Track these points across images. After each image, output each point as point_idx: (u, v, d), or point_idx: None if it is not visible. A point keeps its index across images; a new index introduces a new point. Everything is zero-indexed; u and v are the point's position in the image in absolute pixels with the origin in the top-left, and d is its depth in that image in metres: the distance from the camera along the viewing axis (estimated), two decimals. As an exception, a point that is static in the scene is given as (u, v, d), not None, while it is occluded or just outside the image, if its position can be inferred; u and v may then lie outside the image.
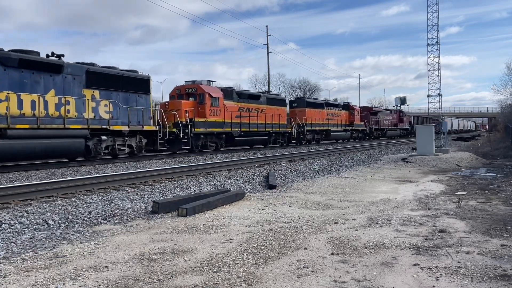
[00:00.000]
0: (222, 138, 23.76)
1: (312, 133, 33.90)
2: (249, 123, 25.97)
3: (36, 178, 11.55)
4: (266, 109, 28.10)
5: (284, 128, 30.47)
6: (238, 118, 24.81)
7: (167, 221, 7.01)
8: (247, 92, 27.60)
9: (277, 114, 29.21)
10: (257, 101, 27.39)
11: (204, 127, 21.97)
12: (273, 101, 29.35)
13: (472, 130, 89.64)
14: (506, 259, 4.65)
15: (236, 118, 24.64)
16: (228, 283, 4.04)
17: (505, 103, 52.04)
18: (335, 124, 37.98)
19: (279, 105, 30.12)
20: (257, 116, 26.94)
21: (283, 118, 30.27)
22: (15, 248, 5.44)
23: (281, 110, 30.27)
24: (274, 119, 28.84)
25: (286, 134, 30.86)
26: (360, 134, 43.27)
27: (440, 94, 23.62)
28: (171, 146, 20.67)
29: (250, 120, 26.08)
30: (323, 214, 7.49)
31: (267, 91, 30.96)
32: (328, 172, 14.80)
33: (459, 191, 10.15)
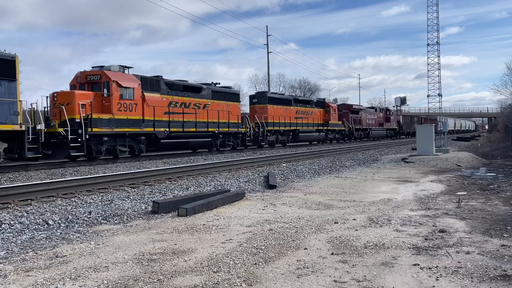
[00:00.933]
0: (141, 140, 18.21)
1: (275, 134, 29.02)
2: (183, 121, 20.36)
3: (36, 178, 11.56)
4: (211, 104, 22.52)
5: (235, 128, 24.53)
6: (167, 115, 19.46)
7: (167, 221, 7.01)
8: (183, 82, 21.69)
9: (225, 111, 23.53)
10: (197, 95, 21.86)
11: (109, 126, 16.45)
12: (221, 95, 23.75)
13: (472, 130, 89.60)
14: (506, 259, 4.65)
15: (164, 115, 19.26)
16: (228, 283, 4.04)
17: (505, 103, 52.15)
18: (305, 123, 32.85)
19: (230, 100, 24.48)
20: (197, 113, 21.35)
21: (235, 116, 24.63)
22: (15, 248, 5.44)
23: (233, 107, 24.50)
24: (222, 117, 23.20)
25: (239, 135, 25.05)
26: (337, 135, 38.36)
27: (440, 94, 23.61)
28: (56, 151, 15.42)
29: (185, 118, 20.53)
30: (323, 214, 7.49)
31: (214, 82, 24.22)
32: (328, 172, 14.80)
33: (459, 191, 10.15)
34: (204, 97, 22.37)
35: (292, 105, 31.69)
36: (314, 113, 34.78)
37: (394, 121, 52.89)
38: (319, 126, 34.99)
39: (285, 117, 30.05)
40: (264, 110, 28.30)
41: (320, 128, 34.99)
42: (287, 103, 31.15)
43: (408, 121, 59.07)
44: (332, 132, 37.28)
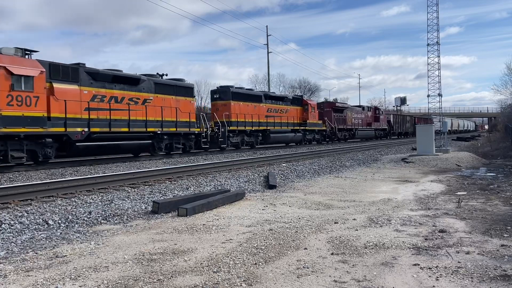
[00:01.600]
0: (47, 144, 14.29)
1: (240, 135, 25.41)
2: (110, 119, 16.62)
3: (36, 178, 11.55)
4: (154, 99, 18.97)
5: (186, 128, 20.52)
6: (87, 111, 15.75)
7: (167, 221, 7.01)
8: (113, 72, 17.61)
9: (173, 108, 19.76)
10: (133, 87, 18.12)
11: None
12: (168, 89, 19.94)
13: (471, 130, 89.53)
14: (506, 259, 4.65)
15: (84, 111, 15.60)
16: (228, 283, 4.04)
17: (505, 103, 52.17)
18: (278, 123, 29.08)
19: (181, 94, 20.57)
20: (132, 109, 17.71)
21: (186, 113, 20.62)
22: (15, 248, 5.44)
23: (184, 103, 20.62)
24: (168, 115, 19.52)
25: (191, 136, 21.18)
26: (317, 136, 34.33)
27: (440, 94, 23.60)
28: None
29: (114, 115, 16.85)
30: (323, 214, 7.49)
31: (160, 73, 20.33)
32: (328, 172, 14.80)
33: (459, 191, 10.15)
34: (144, 91, 18.54)
35: (263, 102, 28.08)
36: (290, 112, 31.04)
37: (384, 120, 49.45)
38: (296, 126, 31.21)
39: (252, 115, 26.31)
40: (227, 107, 24.57)
41: (297, 128, 31.24)
42: (256, 100, 27.39)
43: (400, 120, 56.39)
44: (311, 132, 33.41)
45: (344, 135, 39.69)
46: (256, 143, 27.13)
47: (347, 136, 40.31)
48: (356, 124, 41.75)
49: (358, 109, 43.85)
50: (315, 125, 33.76)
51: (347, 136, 40.29)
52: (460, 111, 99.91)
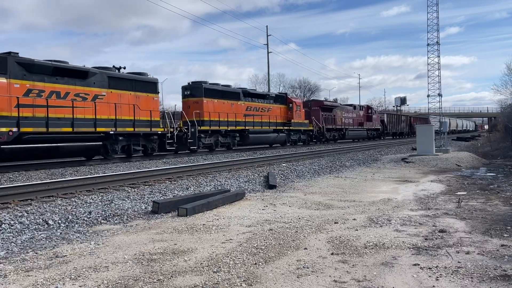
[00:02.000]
0: None
1: (214, 135, 23.00)
2: (48, 117, 14.36)
3: (36, 178, 11.55)
4: (108, 95, 16.72)
5: (147, 128, 18.22)
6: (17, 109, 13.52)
7: (167, 221, 7.01)
8: (54, 64, 15.18)
9: (130, 105, 17.47)
10: (81, 81, 15.90)
11: None
12: (124, 84, 17.48)
13: (471, 130, 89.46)
14: (506, 259, 4.65)
15: (14, 109, 13.45)
16: (228, 283, 4.04)
17: (505, 103, 52.15)
18: (259, 122, 26.63)
19: (141, 90, 18.25)
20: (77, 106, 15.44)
21: (147, 112, 18.31)
22: (15, 248, 5.44)
23: (145, 99, 18.38)
24: (125, 112, 17.18)
25: (153, 137, 18.92)
26: (303, 136, 31.99)
27: (440, 94, 23.59)
28: None
29: (53, 113, 14.59)
30: (323, 214, 7.49)
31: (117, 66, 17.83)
32: (328, 172, 14.80)
33: (459, 191, 10.15)
34: (94, 85, 16.32)
35: (241, 99, 25.62)
36: (273, 110, 28.67)
37: (377, 120, 46.92)
38: (279, 125, 28.95)
39: (228, 114, 23.91)
40: (199, 105, 22.28)
41: (280, 128, 28.98)
42: (233, 97, 24.96)
43: (395, 120, 53.63)
44: (296, 132, 31.07)
45: (333, 135, 37.11)
46: (233, 144, 24.82)
47: (336, 137, 37.77)
48: (346, 123, 39.38)
49: (348, 108, 41.38)
50: (300, 124, 31.33)
51: (336, 136, 37.75)
52: (460, 111, 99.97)
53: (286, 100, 30.79)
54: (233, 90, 25.78)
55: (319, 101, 39.02)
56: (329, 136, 36.23)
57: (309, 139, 33.14)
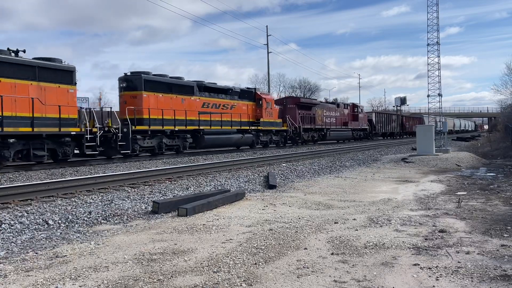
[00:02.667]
0: None
1: (156, 137, 19.33)
2: None
3: (36, 178, 11.55)
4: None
5: (55, 128, 14.65)
6: None
7: (167, 221, 7.01)
8: None
9: (21, 98, 13.73)
10: None
11: None
12: (22, 71, 13.97)
13: (470, 130, 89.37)
14: (506, 259, 4.65)
15: None
16: (228, 283, 4.04)
17: (505, 103, 52.07)
18: (218, 121, 22.78)
19: (48, 79, 14.68)
20: None
21: (54, 107, 14.70)
22: (15, 248, 5.44)
23: (53, 92, 14.79)
24: (20, 108, 13.70)
25: (65, 139, 15.15)
26: (275, 137, 28.31)
27: (440, 94, 23.59)
28: None
29: None
30: (323, 214, 7.49)
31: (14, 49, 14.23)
32: (328, 172, 14.80)
33: (459, 191, 10.15)
34: None
35: (196, 94, 21.66)
36: (237, 108, 24.73)
37: (364, 120, 43.21)
38: (244, 125, 24.86)
39: (177, 111, 20.08)
40: (137, 100, 18.63)
41: (245, 128, 24.88)
42: (185, 92, 20.94)
43: (384, 120, 49.64)
44: (266, 133, 27.35)
45: (311, 136, 33.34)
46: (183, 147, 20.82)
47: (316, 138, 34.00)
48: (328, 123, 35.61)
49: (331, 106, 37.49)
50: (272, 124, 27.74)
51: (316, 137, 34.00)
52: (460, 111, 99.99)
53: (254, 96, 26.67)
54: (185, 83, 21.42)
55: (295, 98, 34.39)
56: (307, 137, 32.60)
57: (283, 141, 29.59)
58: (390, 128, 51.14)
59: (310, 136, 33.17)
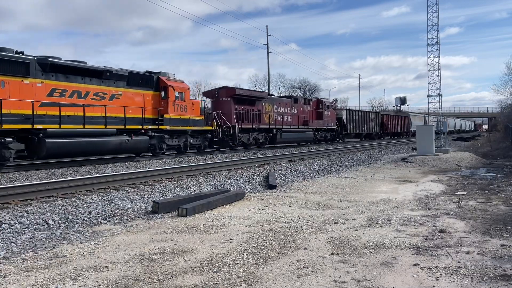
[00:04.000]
0: None
1: None
2: None
3: (36, 178, 11.55)
4: None
5: None
6: None
7: (167, 221, 7.01)
8: None
9: None
10: None
11: None
12: None
13: (470, 130, 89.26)
14: (506, 259, 4.65)
15: None
16: (228, 283, 4.04)
17: (505, 103, 52.06)
18: (80, 116, 15.40)
19: None
20: None
21: None
22: (15, 248, 5.44)
23: None
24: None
25: None
26: (193, 140, 20.81)
27: (440, 94, 23.59)
28: None
29: None
30: (323, 214, 7.49)
31: None
32: (328, 172, 14.80)
33: (459, 191, 10.15)
34: None
35: (37, 76, 14.43)
36: (124, 98, 17.28)
37: (332, 118, 36.04)
38: (136, 123, 17.55)
39: None
40: None
41: (136, 128, 17.48)
42: (15, 71, 13.72)
43: (359, 118, 41.96)
44: (176, 134, 19.65)
45: (254, 138, 25.99)
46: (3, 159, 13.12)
47: (261, 140, 26.73)
48: (280, 122, 28.55)
49: (286, 101, 30.26)
50: (185, 122, 19.90)
51: (261, 139, 26.69)
52: (460, 111, 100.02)
53: (156, 83, 18.89)
54: (17, 58, 13.92)
55: (230, 88, 25.67)
56: (248, 140, 25.37)
57: (206, 144, 21.83)
58: (366, 128, 44.07)
59: (252, 138, 25.78)
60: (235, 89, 25.94)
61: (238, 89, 26.27)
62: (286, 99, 31.02)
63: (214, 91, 25.41)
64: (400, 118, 56.53)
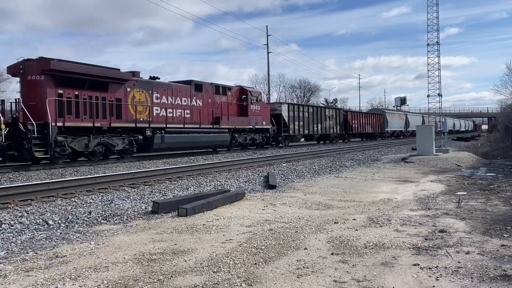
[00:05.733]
0: None
1: None
2: None
3: (36, 178, 11.55)
4: None
5: None
6: None
7: (167, 221, 7.01)
8: None
9: None
10: None
11: None
12: None
13: (470, 130, 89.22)
14: (506, 259, 4.65)
15: None
16: (228, 283, 4.04)
17: (505, 103, 52.11)
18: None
19: None
20: None
21: None
22: (15, 248, 5.44)
23: None
24: None
25: None
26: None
27: (440, 94, 23.59)
28: None
29: None
30: (323, 214, 7.49)
31: None
32: (328, 172, 14.80)
33: (459, 191, 10.15)
34: None
35: None
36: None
37: (264, 114, 26.60)
38: None
39: None
40: None
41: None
42: None
43: (308, 116, 32.09)
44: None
45: (100, 144, 16.24)
46: None
47: (119, 147, 17.06)
48: (164, 118, 19.15)
49: (178, 87, 20.58)
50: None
51: (117, 145, 16.95)
52: (460, 111, 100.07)
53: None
54: None
55: (44, 61, 14.67)
56: (83, 147, 15.56)
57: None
58: (320, 129, 34.25)
59: (95, 145, 16.00)
60: (52, 61, 14.66)
61: (61, 62, 14.93)
62: (181, 85, 20.93)
63: (18, 64, 14.84)
64: (372, 117, 46.78)
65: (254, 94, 26.11)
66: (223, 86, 24.06)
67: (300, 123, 31.36)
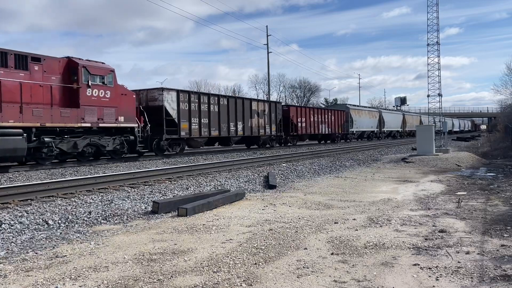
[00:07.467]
0: None
1: None
2: None
3: (36, 178, 11.55)
4: None
5: None
6: None
7: (167, 221, 7.01)
8: None
9: None
10: None
11: None
12: None
13: (469, 130, 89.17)
14: (506, 259, 4.65)
15: None
16: (228, 283, 4.04)
17: (505, 103, 52.12)
18: None
19: None
20: None
21: None
22: (15, 248, 5.44)
23: None
24: None
25: None
26: None
27: (440, 94, 23.60)
28: None
29: None
30: (323, 214, 7.49)
31: None
32: (328, 172, 14.80)
33: (459, 191, 10.15)
34: None
35: None
36: None
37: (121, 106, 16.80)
38: None
39: None
40: None
41: None
42: None
43: (219, 110, 22.79)
44: None
45: None
46: None
47: None
48: None
49: None
50: None
51: None
52: (460, 111, 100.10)
53: None
54: None
55: None
56: None
57: None
58: (241, 129, 24.77)
59: None
60: None
61: None
62: None
63: None
64: (329, 114, 36.52)
65: (94, 71, 15.91)
66: (20, 54, 13.76)
67: (203, 121, 21.69)
